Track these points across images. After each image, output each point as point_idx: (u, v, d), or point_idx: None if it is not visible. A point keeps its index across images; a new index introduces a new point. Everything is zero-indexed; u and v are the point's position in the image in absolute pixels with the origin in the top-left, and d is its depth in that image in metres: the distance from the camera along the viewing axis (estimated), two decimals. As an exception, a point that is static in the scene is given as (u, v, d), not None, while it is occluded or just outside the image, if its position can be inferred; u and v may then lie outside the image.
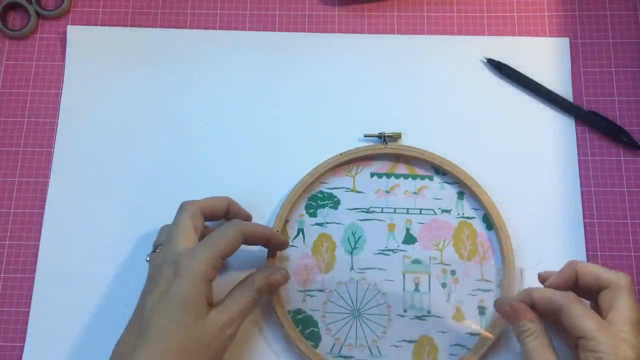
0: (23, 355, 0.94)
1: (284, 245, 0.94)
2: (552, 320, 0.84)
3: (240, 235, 0.85)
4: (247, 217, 0.95)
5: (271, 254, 0.95)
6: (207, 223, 0.91)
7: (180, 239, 0.84)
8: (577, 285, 0.84)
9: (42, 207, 1.00)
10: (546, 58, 1.05)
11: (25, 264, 0.98)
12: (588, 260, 0.96)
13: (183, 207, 0.89)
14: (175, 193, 0.98)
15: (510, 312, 0.84)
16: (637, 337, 0.78)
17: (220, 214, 0.92)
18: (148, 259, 0.88)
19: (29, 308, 0.96)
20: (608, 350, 0.75)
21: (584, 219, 0.98)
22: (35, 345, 0.94)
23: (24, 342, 0.94)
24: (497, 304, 0.87)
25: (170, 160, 1.01)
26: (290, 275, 0.93)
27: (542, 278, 0.88)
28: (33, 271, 0.97)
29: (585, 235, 0.97)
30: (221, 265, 0.83)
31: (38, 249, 0.98)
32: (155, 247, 0.88)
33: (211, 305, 0.82)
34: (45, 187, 1.00)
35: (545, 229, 0.97)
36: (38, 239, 0.98)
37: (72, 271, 0.97)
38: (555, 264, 0.94)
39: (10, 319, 0.96)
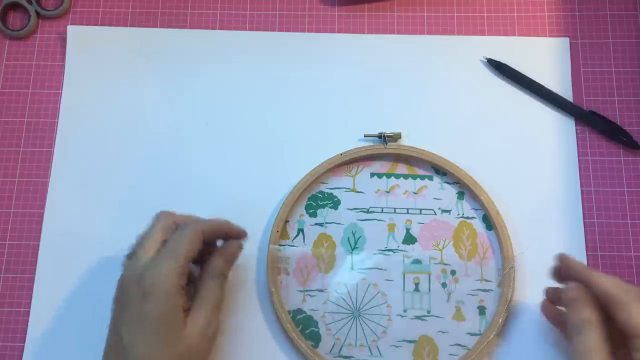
0: (23, 355, 0.94)
1: (241, 234, 0.90)
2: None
3: (200, 235, 0.82)
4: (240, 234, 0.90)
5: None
6: None
7: (143, 250, 0.81)
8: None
9: (42, 207, 1.00)
10: (546, 58, 1.05)
11: (25, 264, 0.98)
12: (588, 260, 0.96)
13: (158, 216, 0.87)
14: (175, 193, 0.99)
15: (579, 297, 0.77)
16: None
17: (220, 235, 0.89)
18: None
19: (29, 308, 0.96)
20: None
21: (584, 219, 0.98)
22: (35, 345, 0.94)
23: (24, 342, 0.94)
24: (569, 287, 0.79)
25: (170, 161, 1.01)
26: (244, 242, 0.91)
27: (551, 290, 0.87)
28: (33, 271, 0.97)
29: (585, 235, 0.97)
30: (189, 269, 0.81)
31: (38, 249, 0.98)
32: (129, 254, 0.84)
33: (186, 310, 0.80)
34: (45, 187, 1.01)
35: (545, 229, 0.97)
36: (38, 239, 0.99)
37: (72, 271, 0.97)
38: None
39: (10, 319, 0.96)
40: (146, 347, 0.75)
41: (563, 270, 0.82)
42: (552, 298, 0.87)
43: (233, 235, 0.89)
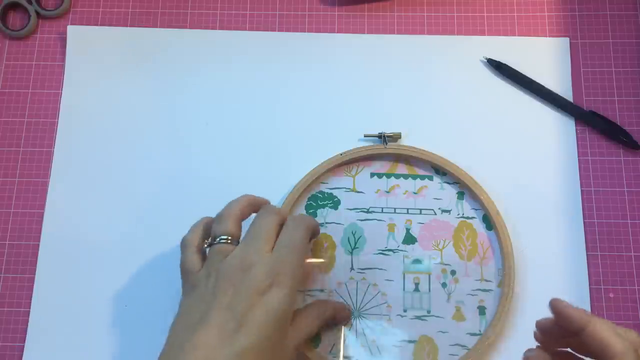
0: (23, 355, 0.94)
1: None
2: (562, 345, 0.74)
3: (310, 232, 0.84)
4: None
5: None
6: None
7: (260, 244, 0.79)
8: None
9: (42, 207, 1.00)
10: (546, 58, 1.05)
11: (25, 264, 0.98)
12: (588, 260, 0.96)
13: (265, 213, 0.84)
14: (175, 193, 0.99)
15: None
16: None
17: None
18: (206, 245, 0.84)
19: (29, 308, 0.96)
20: None
21: (584, 219, 0.98)
22: (35, 345, 0.94)
23: (24, 342, 0.94)
24: (526, 356, 0.75)
25: (171, 161, 1.01)
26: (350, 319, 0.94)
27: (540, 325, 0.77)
28: (33, 271, 0.97)
29: (585, 235, 0.97)
30: None
31: (38, 249, 0.98)
32: (215, 237, 0.82)
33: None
34: (45, 187, 1.01)
35: (545, 229, 0.97)
36: (38, 239, 0.98)
37: (72, 271, 0.97)
38: (555, 264, 0.95)
39: (10, 319, 0.96)
40: (258, 332, 0.73)
41: (557, 317, 0.72)
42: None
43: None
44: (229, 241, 0.81)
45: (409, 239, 0.96)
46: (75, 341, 0.94)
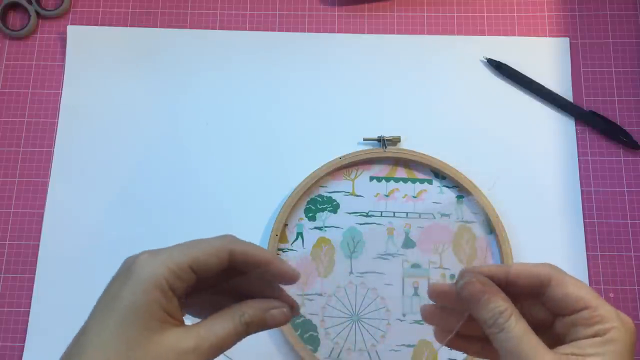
0: (23, 355, 0.95)
1: (289, 276, 0.69)
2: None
3: (226, 250, 0.64)
4: (292, 277, 0.69)
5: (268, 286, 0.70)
6: None
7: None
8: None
9: (42, 207, 1.00)
10: (546, 58, 1.05)
11: (25, 264, 0.98)
12: (588, 260, 0.97)
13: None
14: (174, 194, 0.99)
15: (480, 290, 0.64)
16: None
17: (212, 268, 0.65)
18: None
19: (29, 308, 0.96)
20: (614, 317, 0.61)
21: (584, 219, 0.98)
22: (35, 345, 0.95)
23: (24, 342, 0.95)
24: (462, 283, 0.65)
25: (170, 161, 1.02)
26: (296, 311, 0.71)
27: (434, 289, 0.69)
28: (33, 271, 0.98)
29: (585, 235, 0.98)
30: (193, 281, 0.63)
31: (38, 249, 0.99)
32: None
33: (176, 322, 0.62)
34: (45, 187, 1.01)
35: (545, 230, 0.98)
36: (38, 239, 0.99)
37: (72, 271, 0.97)
38: (555, 265, 0.94)
39: (10, 319, 0.96)
40: (101, 330, 0.60)
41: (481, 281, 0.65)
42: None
43: (280, 277, 0.69)
44: None
45: (408, 243, 0.97)
46: (76, 341, 0.95)
